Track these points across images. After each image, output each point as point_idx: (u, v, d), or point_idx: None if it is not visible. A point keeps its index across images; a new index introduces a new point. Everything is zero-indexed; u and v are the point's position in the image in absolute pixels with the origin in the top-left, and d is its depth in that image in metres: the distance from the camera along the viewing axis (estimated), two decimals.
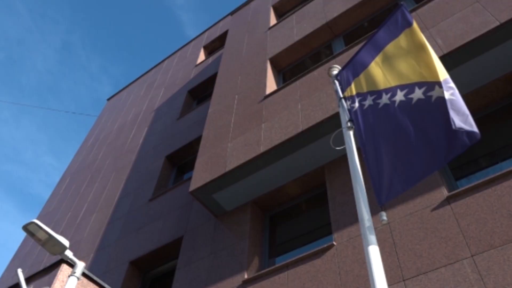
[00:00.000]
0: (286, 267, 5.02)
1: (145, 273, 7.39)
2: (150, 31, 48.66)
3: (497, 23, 4.88)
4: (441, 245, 4.01)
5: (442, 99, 2.61)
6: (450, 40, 5.19)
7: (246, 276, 5.33)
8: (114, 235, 8.33)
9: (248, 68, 8.55)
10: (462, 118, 2.45)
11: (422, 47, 3.03)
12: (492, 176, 4.21)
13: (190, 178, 7.80)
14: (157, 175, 9.22)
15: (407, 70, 3.14)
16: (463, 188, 4.35)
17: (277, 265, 5.16)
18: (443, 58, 5.09)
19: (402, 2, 3.45)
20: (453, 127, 2.42)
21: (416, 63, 3.09)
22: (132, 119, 13.19)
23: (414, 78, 3.01)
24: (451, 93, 2.59)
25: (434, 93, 2.72)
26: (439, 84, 2.70)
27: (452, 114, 2.49)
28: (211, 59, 12.86)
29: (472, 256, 3.78)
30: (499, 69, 5.06)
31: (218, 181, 6.30)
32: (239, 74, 8.56)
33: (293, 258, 5.04)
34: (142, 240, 7.55)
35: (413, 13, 6.22)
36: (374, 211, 3.47)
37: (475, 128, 2.32)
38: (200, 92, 12.00)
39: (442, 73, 2.77)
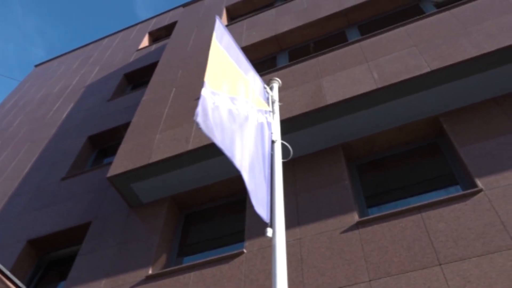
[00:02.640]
0: (193, 268, 4.97)
1: (43, 254, 6.94)
2: (98, 1, 46.45)
3: (428, 69, 5.25)
4: (344, 266, 4.20)
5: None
6: (385, 76, 5.50)
7: (150, 272, 5.20)
8: (16, 209, 7.76)
9: (190, 64, 8.43)
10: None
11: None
12: (400, 209, 4.49)
13: (110, 163, 7.50)
14: (75, 154, 8.76)
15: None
16: (372, 216, 4.59)
17: (183, 265, 5.09)
18: (376, 92, 5.37)
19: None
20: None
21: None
22: (59, 92, 12.45)
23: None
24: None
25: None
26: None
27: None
28: (154, 46, 12.54)
29: (369, 281, 3.99)
30: (424, 111, 5.43)
31: (140, 171, 6.11)
32: (180, 68, 8.42)
33: (201, 260, 5.01)
34: (46, 219, 7.10)
35: (357, 44, 6.52)
36: (288, 225, 3.56)
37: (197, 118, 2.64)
38: (137, 77, 11.64)
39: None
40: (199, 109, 2.69)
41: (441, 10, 6.43)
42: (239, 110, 3.31)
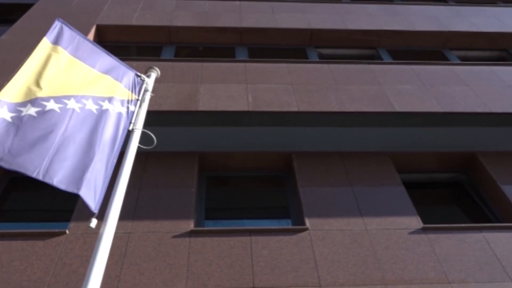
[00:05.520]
0: (1, 236, 4.45)
1: None
2: None
3: (296, 109, 5.66)
4: (165, 270, 4.19)
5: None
6: (259, 102, 5.77)
7: None
8: None
9: (70, 21, 7.71)
10: None
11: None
12: (233, 227, 4.69)
13: None
14: None
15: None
16: (206, 228, 4.71)
17: None
18: (246, 113, 5.59)
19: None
20: None
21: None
22: None
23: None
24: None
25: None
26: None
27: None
28: None
29: None
30: (281, 144, 5.83)
31: None
32: (57, 21, 7.65)
33: (13, 230, 4.52)
34: None
35: (242, 64, 6.73)
36: (122, 217, 3.42)
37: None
38: (2, 13, 10.24)
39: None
40: None
41: (322, 61, 7.05)
42: (74, 106, 3.19)
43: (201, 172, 5.74)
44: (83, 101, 3.29)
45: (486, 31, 8.64)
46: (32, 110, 2.94)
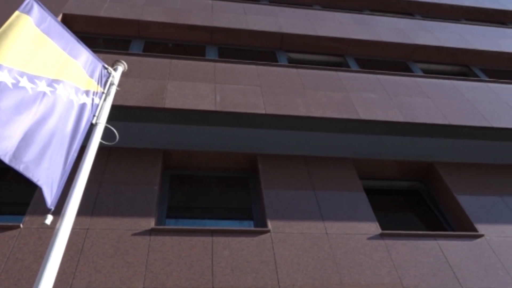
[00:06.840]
0: None
1: None
2: None
3: (264, 112, 5.69)
4: (123, 268, 4.10)
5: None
6: (226, 102, 5.76)
7: None
8: None
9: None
10: None
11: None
12: (195, 227, 4.65)
13: None
14: None
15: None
16: (167, 227, 4.65)
17: None
18: (213, 113, 5.56)
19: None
20: None
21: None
22: None
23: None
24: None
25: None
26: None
27: None
28: None
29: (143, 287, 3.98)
30: (246, 146, 5.84)
31: None
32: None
33: None
34: None
35: (212, 63, 6.70)
36: (80, 212, 3.33)
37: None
38: None
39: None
40: None
41: (291, 65, 7.11)
42: (45, 90, 3.07)
43: (165, 170, 5.67)
44: (54, 85, 3.17)
45: (449, 46, 8.99)
46: (8, 80, 2.77)
